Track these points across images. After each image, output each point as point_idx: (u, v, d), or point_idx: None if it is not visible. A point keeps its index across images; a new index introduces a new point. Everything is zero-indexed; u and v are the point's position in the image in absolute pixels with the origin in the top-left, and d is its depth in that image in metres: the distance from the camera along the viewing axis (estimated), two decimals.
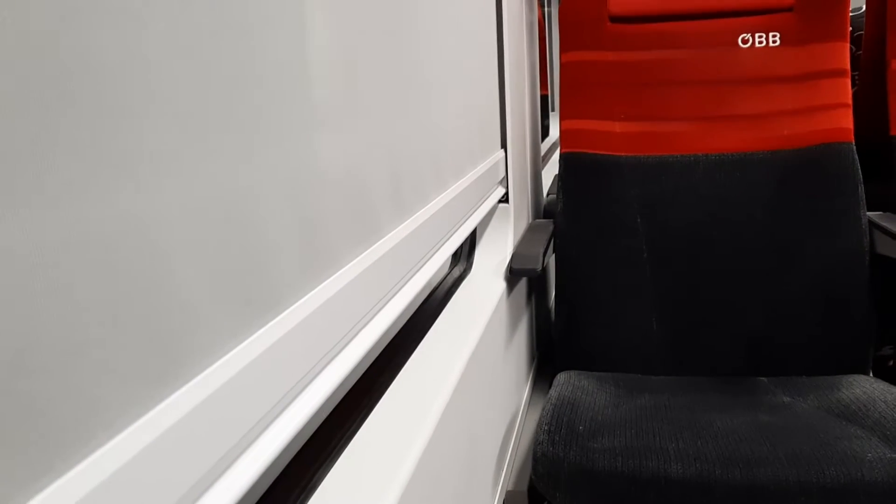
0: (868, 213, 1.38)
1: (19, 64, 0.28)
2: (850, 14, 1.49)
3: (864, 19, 1.73)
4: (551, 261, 1.54)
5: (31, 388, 0.29)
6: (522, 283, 1.50)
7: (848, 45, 1.47)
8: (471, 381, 0.95)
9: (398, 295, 0.77)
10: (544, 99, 3.76)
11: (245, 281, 0.45)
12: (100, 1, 0.33)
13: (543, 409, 1.13)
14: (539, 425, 1.08)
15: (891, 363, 1.65)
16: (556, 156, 3.06)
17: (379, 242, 0.71)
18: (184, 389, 0.39)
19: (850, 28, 1.51)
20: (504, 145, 1.42)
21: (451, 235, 1.00)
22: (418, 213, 0.84)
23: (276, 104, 0.50)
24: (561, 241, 1.47)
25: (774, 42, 1.48)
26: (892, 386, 1.17)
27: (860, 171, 1.39)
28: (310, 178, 0.55)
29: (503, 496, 1.20)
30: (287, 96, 0.51)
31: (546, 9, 3.61)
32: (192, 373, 0.40)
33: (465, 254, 1.36)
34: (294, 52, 0.52)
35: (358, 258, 0.65)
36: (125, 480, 0.34)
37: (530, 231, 1.55)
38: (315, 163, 0.56)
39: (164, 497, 0.37)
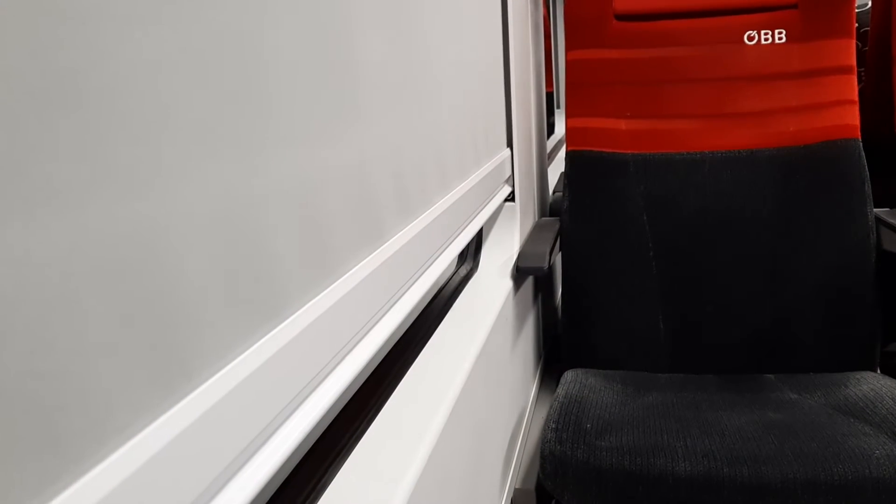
0: (875, 210, 1.38)
1: (27, 69, 0.29)
2: (856, 10, 1.48)
3: (870, 15, 1.73)
4: (557, 259, 1.54)
5: (43, 393, 0.29)
6: (529, 282, 1.50)
7: (854, 41, 1.46)
8: (478, 379, 0.95)
9: (406, 295, 0.77)
10: (549, 96, 3.76)
11: (253, 285, 0.46)
12: (107, 7, 0.33)
13: (551, 408, 1.13)
14: (546, 423, 1.08)
15: None
16: (561, 153, 3.06)
17: (386, 244, 0.71)
18: (195, 393, 0.39)
19: (856, 24, 1.51)
20: (510, 144, 1.42)
21: (458, 235, 1.00)
22: (425, 214, 0.84)
23: (280, 107, 0.50)
24: (567, 239, 1.47)
25: (780, 39, 1.48)
26: None
27: (867, 167, 1.39)
28: (315, 182, 0.55)
29: (511, 494, 1.20)
30: (290, 99, 0.51)
31: (551, 6, 3.60)
32: (203, 377, 0.40)
33: (471, 252, 1.36)
34: (298, 55, 0.53)
35: (365, 260, 0.65)
36: (139, 484, 0.34)
37: (536, 229, 1.55)
38: (321, 166, 0.56)
39: (177, 500, 0.37)
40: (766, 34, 1.48)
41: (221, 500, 0.42)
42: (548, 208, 1.93)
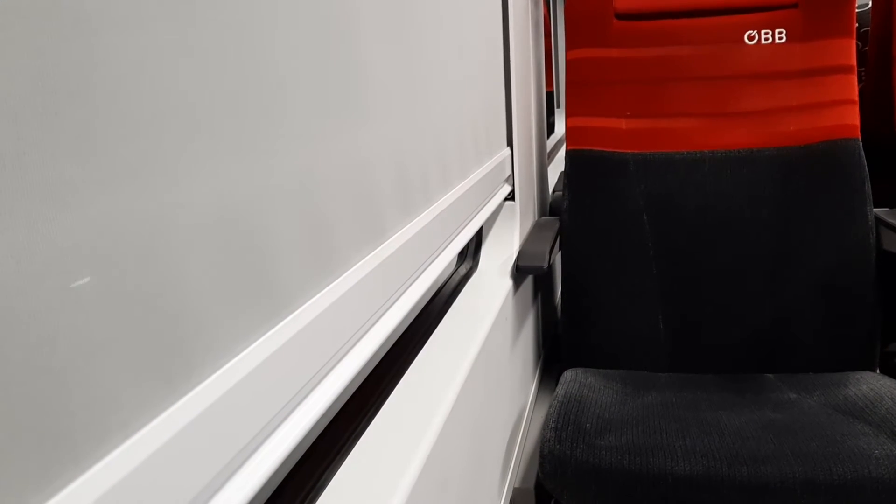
0: (874, 210, 1.38)
1: (29, 67, 0.29)
2: (857, 10, 1.48)
3: (870, 15, 1.73)
4: (557, 258, 1.54)
5: (44, 389, 0.29)
6: (529, 281, 1.50)
7: (854, 41, 1.46)
8: (478, 378, 0.95)
9: (405, 294, 0.77)
10: (549, 95, 3.75)
11: (254, 284, 0.46)
12: (109, 5, 0.33)
13: (550, 407, 1.13)
14: (546, 423, 1.08)
15: None
16: (561, 153, 3.06)
17: (386, 243, 0.71)
18: (196, 390, 0.39)
19: (857, 24, 1.51)
20: (510, 143, 1.42)
21: (458, 234, 1.00)
22: (425, 213, 0.84)
23: (282, 106, 0.50)
24: (567, 239, 1.47)
25: (780, 39, 1.48)
26: None
27: (866, 167, 1.39)
28: (316, 180, 0.55)
29: (510, 493, 1.20)
30: (293, 97, 0.51)
31: (551, 5, 3.60)
32: (203, 375, 0.40)
33: (471, 251, 1.36)
34: (300, 53, 0.53)
35: (365, 259, 0.65)
36: (139, 481, 0.34)
37: (536, 228, 1.55)
38: (321, 165, 0.56)
39: (177, 497, 0.37)
40: (766, 34, 1.48)
41: (221, 497, 0.42)
42: (548, 207, 1.93)
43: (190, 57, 0.39)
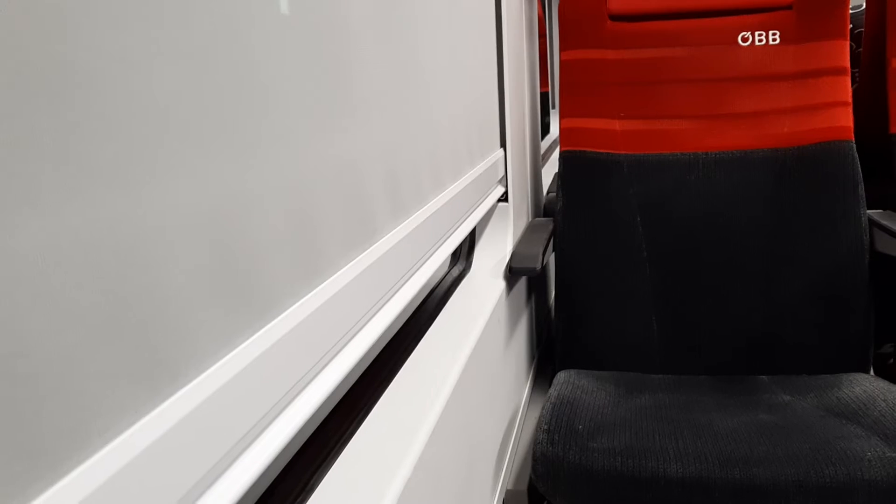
0: (868, 212, 1.38)
1: (12, 66, 0.28)
2: (851, 11, 1.48)
3: (864, 17, 1.73)
4: (551, 259, 1.54)
5: (22, 394, 0.29)
6: (522, 282, 1.50)
7: (848, 42, 1.46)
8: (470, 380, 0.95)
9: (397, 295, 0.77)
10: (545, 96, 3.75)
11: (240, 284, 0.45)
12: (94, 4, 0.33)
13: (543, 409, 1.13)
14: (539, 425, 1.08)
15: (891, 361, 1.65)
16: (556, 154, 3.06)
17: (377, 244, 0.71)
18: (181, 393, 0.39)
19: (851, 25, 1.51)
20: (503, 144, 1.42)
21: (450, 235, 1.00)
22: (416, 214, 0.84)
23: (271, 105, 0.50)
24: (561, 240, 1.47)
25: (774, 40, 1.48)
26: (892, 384, 1.16)
27: (860, 169, 1.39)
28: (305, 180, 0.55)
29: (503, 495, 1.20)
30: (281, 97, 0.51)
31: (547, 6, 3.60)
32: (189, 376, 0.40)
33: (464, 253, 1.36)
34: (288, 51, 0.52)
35: (356, 259, 0.65)
36: (122, 484, 0.34)
37: (530, 230, 1.55)
38: (310, 164, 0.56)
39: (161, 500, 0.37)
40: (760, 35, 1.48)
41: (208, 499, 0.41)
42: (541, 209, 1.92)
43: (177, 56, 0.38)
